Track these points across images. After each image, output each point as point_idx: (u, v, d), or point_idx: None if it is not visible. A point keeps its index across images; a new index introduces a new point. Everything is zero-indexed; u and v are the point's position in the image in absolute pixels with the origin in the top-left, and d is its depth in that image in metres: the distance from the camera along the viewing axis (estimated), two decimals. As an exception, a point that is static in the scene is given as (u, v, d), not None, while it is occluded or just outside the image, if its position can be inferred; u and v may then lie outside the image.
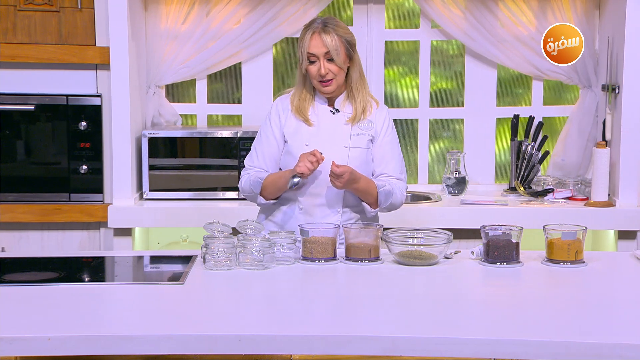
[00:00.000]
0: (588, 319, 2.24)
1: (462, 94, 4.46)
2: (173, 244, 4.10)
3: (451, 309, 2.35)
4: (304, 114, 3.04)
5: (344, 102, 3.08)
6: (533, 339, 2.07)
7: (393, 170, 3.09)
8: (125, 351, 2.08)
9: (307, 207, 3.04)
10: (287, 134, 3.05)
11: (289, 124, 3.06)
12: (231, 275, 2.66)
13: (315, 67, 2.97)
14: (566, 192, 4.11)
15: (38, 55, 3.93)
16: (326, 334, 2.11)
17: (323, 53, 2.96)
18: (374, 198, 3.03)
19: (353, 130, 3.05)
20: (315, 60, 2.96)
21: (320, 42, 2.95)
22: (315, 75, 2.98)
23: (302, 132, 3.03)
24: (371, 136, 3.07)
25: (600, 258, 2.92)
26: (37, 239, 4.01)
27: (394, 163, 3.10)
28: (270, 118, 3.10)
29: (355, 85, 3.05)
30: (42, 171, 4.02)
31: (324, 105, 3.08)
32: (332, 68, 2.97)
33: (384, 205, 3.04)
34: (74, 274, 2.73)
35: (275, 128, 3.07)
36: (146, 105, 4.23)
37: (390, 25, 4.43)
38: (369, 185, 3.01)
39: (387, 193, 3.02)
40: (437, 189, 4.39)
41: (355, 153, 3.04)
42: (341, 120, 3.06)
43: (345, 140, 3.04)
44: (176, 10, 4.22)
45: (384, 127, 3.10)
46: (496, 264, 2.76)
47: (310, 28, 2.98)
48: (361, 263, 2.78)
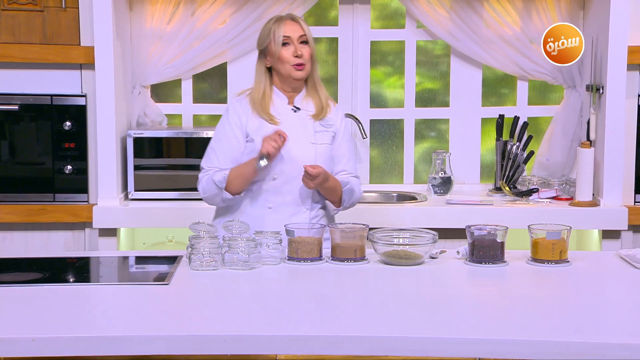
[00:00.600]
0: (573, 318, 2.25)
1: (447, 94, 4.47)
2: (158, 244, 4.09)
3: (438, 308, 2.35)
4: (267, 112, 3.05)
5: (304, 100, 3.10)
6: (519, 339, 2.08)
7: (352, 168, 3.16)
8: (110, 352, 2.08)
9: (276, 205, 3.04)
10: (251, 133, 3.04)
11: (251, 123, 3.05)
12: (217, 275, 2.65)
13: (290, 50, 3.01)
14: (551, 192, 4.13)
15: (22, 55, 3.91)
16: (312, 334, 2.11)
17: (298, 36, 3.02)
18: (338, 197, 3.09)
19: (316, 126, 3.09)
20: (289, 43, 3.00)
21: (296, 26, 3.03)
22: (289, 58, 3.01)
23: (267, 129, 3.02)
24: (333, 133, 3.11)
25: (585, 257, 2.93)
26: (21, 240, 3.99)
27: (352, 161, 3.17)
28: (229, 118, 3.08)
29: (317, 82, 3.11)
30: (27, 171, 4.00)
31: (284, 103, 3.09)
32: (306, 52, 3.02)
33: (347, 203, 3.11)
34: (58, 275, 2.72)
35: (235, 128, 3.06)
36: (131, 105, 4.22)
37: (376, 25, 4.43)
38: (336, 183, 3.06)
39: (350, 192, 3.10)
40: (423, 188, 4.40)
41: (321, 149, 3.07)
42: (304, 118, 3.08)
43: (311, 137, 3.06)
44: (161, 10, 4.21)
45: (342, 125, 3.16)
46: (481, 263, 2.77)
47: (280, 18, 3.05)
48: (347, 263, 2.78)
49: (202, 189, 3.07)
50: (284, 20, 3.04)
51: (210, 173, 3.04)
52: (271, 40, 3.02)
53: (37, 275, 2.64)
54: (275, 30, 3.02)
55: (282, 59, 3.02)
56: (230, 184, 3.00)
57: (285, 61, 3.01)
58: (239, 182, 3.01)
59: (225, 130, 3.08)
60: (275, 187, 3.04)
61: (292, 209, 3.04)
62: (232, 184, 3.01)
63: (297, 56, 3.00)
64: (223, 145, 3.07)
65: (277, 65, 3.04)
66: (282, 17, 3.06)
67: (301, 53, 3.01)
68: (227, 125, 3.08)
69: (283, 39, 3.01)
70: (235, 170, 3.01)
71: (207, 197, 3.08)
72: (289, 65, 3.02)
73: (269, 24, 3.06)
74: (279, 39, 3.01)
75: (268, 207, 3.04)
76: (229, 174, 3.00)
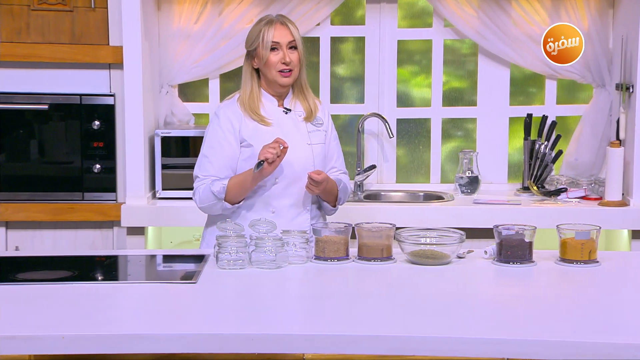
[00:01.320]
0: (601, 319, 2.23)
1: (474, 93, 4.45)
2: (185, 243, 4.10)
3: (463, 308, 2.34)
4: (258, 115, 3.01)
5: (293, 101, 3.08)
6: (545, 339, 2.06)
7: (341, 165, 3.18)
8: (137, 350, 2.09)
9: (279, 209, 3.02)
10: (247, 138, 3.00)
11: (244, 127, 3.00)
12: (244, 274, 2.66)
13: (278, 56, 2.97)
14: (579, 192, 4.10)
15: (51, 54, 3.94)
16: (338, 333, 2.11)
17: (287, 42, 2.97)
18: (334, 197, 3.09)
19: (308, 127, 3.08)
20: (278, 49, 2.97)
21: (286, 31, 2.98)
22: (276, 64, 2.97)
23: (263, 132, 2.99)
24: (324, 131, 3.11)
25: (614, 258, 2.90)
26: (50, 238, 4.02)
27: (341, 158, 3.19)
28: (220, 125, 3.02)
29: (305, 85, 3.08)
30: (56, 170, 4.04)
31: (274, 105, 3.06)
32: (294, 58, 2.98)
33: (342, 202, 3.12)
34: (87, 273, 2.74)
35: (228, 134, 3.00)
36: (159, 105, 4.24)
37: (403, 24, 4.42)
38: (333, 185, 3.06)
39: (344, 189, 3.12)
40: (450, 188, 4.39)
41: (317, 149, 3.06)
42: (296, 119, 3.07)
43: (306, 138, 3.05)
44: (189, 10, 4.23)
45: (329, 123, 3.16)
46: (509, 263, 2.75)
47: (271, 21, 2.99)
48: (373, 262, 2.77)
49: (198, 199, 3.00)
50: (274, 23, 2.97)
51: (207, 183, 2.98)
52: (260, 43, 2.97)
53: (66, 274, 2.66)
54: (264, 33, 2.96)
55: (269, 64, 2.97)
56: (229, 193, 2.96)
57: (272, 66, 2.97)
58: (238, 192, 2.97)
59: (218, 137, 3.01)
60: (277, 192, 3.01)
61: (293, 211, 3.03)
62: (231, 193, 2.96)
63: (285, 63, 2.97)
64: (217, 153, 3.00)
65: (264, 69, 3.00)
66: (272, 20, 2.99)
67: (289, 60, 2.96)
68: (219, 131, 3.01)
69: (272, 44, 2.96)
70: (233, 180, 2.97)
71: (204, 207, 3.02)
72: (275, 71, 2.97)
73: (259, 26, 3.00)
74: (268, 44, 2.95)
75: (271, 212, 3.01)
76: (227, 184, 2.96)
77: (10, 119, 3.99)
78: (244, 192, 2.98)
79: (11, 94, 3.97)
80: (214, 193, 2.96)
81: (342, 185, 3.11)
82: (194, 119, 4.36)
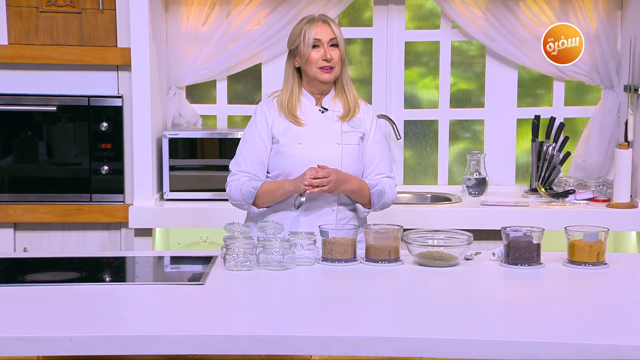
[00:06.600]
0: (609, 321, 2.23)
1: (482, 95, 4.44)
2: (193, 244, 4.11)
3: (471, 310, 2.34)
4: (293, 114, 3.04)
5: (332, 101, 3.09)
6: (553, 341, 2.06)
7: (384, 169, 3.12)
8: (145, 351, 2.09)
9: (303, 207, 3.02)
10: (276, 134, 3.04)
11: (277, 124, 3.05)
12: (251, 275, 2.66)
13: (319, 53, 3.00)
14: (588, 194, 4.09)
15: (60, 56, 3.96)
16: (346, 334, 2.11)
17: (329, 39, 3.00)
18: (367, 199, 3.05)
19: (343, 127, 3.07)
20: (319, 46, 3.00)
21: (328, 29, 3.01)
22: (317, 61, 2.99)
23: (293, 130, 3.03)
24: (362, 133, 3.09)
25: (622, 260, 2.90)
26: (58, 239, 4.03)
27: (384, 162, 3.13)
28: (256, 120, 3.08)
29: (346, 83, 3.09)
30: (64, 172, 4.05)
31: (312, 104, 3.08)
32: (335, 55, 3.01)
33: (377, 205, 3.07)
34: (95, 274, 2.75)
35: (262, 129, 3.06)
36: (167, 106, 4.25)
37: (411, 26, 4.42)
38: (362, 185, 3.03)
39: (379, 193, 3.05)
40: (457, 190, 4.38)
41: (348, 150, 3.05)
42: (331, 118, 3.07)
43: (337, 138, 3.05)
44: (197, 12, 4.24)
45: (372, 126, 3.12)
46: (517, 265, 2.75)
47: (312, 19, 3.03)
48: (381, 264, 2.77)
49: (229, 194, 3.07)
50: (316, 21, 3.03)
51: (239, 181, 3.03)
52: (301, 41, 3.01)
53: (74, 275, 2.66)
54: (306, 31, 3.01)
55: (310, 60, 3.01)
56: (259, 198, 3.00)
57: (313, 63, 3.01)
58: (266, 199, 3.01)
59: (252, 133, 3.08)
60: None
61: (318, 210, 3.04)
62: (261, 199, 3.00)
63: (326, 59, 3.00)
64: (249, 148, 3.06)
65: (305, 67, 3.04)
66: (314, 19, 3.04)
67: (330, 56, 3.00)
68: (254, 126, 3.08)
69: (314, 41, 3.00)
70: (266, 187, 3.00)
71: (233, 204, 3.09)
72: (316, 68, 3.01)
73: (301, 24, 3.05)
74: (310, 41, 3.00)
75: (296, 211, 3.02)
76: (258, 190, 2.99)
77: (18, 121, 4.00)
78: (272, 201, 3.02)
79: (20, 96, 3.98)
80: (243, 195, 3.00)
81: (377, 188, 3.04)
82: (202, 120, 4.36)
